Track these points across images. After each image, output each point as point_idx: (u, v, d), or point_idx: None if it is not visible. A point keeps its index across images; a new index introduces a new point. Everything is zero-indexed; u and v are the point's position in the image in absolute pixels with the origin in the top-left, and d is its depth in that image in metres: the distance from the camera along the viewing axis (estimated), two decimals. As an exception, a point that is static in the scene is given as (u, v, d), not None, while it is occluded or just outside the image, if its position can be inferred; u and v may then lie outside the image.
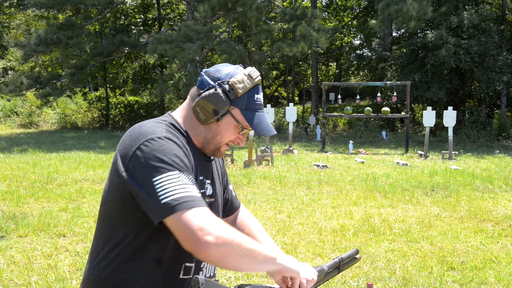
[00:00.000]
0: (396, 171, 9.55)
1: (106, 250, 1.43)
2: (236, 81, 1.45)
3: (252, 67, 1.50)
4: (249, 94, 1.47)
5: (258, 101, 1.49)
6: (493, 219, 5.83)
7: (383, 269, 4.06)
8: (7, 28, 31.00)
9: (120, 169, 1.36)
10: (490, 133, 18.04)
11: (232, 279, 3.84)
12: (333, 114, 17.26)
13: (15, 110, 24.27)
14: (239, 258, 1.28)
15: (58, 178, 8.27)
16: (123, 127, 22.96)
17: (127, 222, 1.41)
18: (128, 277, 1.41)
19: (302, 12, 17.27)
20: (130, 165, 1.33)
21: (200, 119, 1.47)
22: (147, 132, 1.37)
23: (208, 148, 1.51)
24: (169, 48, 15.78)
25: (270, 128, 1.50)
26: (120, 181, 1.36)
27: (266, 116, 1.53)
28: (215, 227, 1.25)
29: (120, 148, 1.40)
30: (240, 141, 1.53)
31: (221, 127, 1.47)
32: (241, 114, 1.46)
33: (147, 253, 1.40)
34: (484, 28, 18.73)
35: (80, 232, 5.04)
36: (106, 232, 1.44)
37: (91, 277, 1.45)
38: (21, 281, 3.74)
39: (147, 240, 1.40)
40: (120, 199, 1.39)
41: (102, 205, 1.47)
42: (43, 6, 18.08)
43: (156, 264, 1.41)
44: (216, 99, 1.43)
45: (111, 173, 1.43)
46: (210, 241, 1.22)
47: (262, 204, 6.54)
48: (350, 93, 30.20)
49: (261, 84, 1.57)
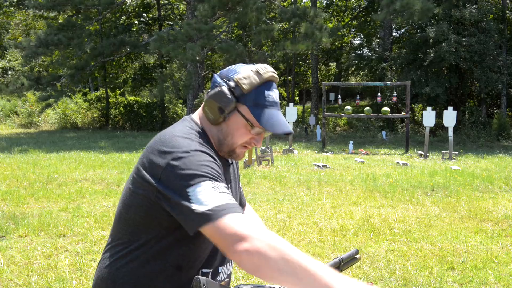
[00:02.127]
0: (396, 171, 9.55)
1: (125, 251, 1.42)
2: (242, 77, 1.41)
3: (264, 64, 1.45)
4: (258, 90, 1.41)
5: (269, 98, 1.42)
6: (493, 219, 5.83)
7: (383, 269, 4.06)
8: (6, 28, 30.99)
9: (150, 179, 1.34)
10: (490, 133, 18.05)
11: (232, 279, 3.84)
12: (333, 114, 17.26)
13: (15, 110, 24.28)
14: (276, 271, 1.13)
15: (58, 178, 8.27)
16: (123, 127, 22.97)
17: (151, 227, 1.39)
18: (145, 281, 1.40)
19: (303, 12, 17.27)
20: (163, 176, 1.31)
21: (210, 119, 1.45)
22: (181, 144, 1.35)
23: (223, 150, 1.48)
24: (172, 48, 15.79)
25: (283, 125, 1.41)
26: (149, 189, 1.35)
27: (280, 114, 1.44)
28: (252, 235, 1.18)
29: (151, 157, 1.37)
30: (256, 142, 1.48)
31: (230, 126, 1.44)
32: (249, 111, 1.41)
33: (168, 259, 1.40)
34: (484, 27, 18.74)
35: (80, 232, 5.03)
36: (127, 234, 1.43)
37: (106, 275, 1.44)
38: (21, 281, 3.74)
39: (168, 247, 1.39)
40: (146, 206, 1.37)
41: (125, 206, 1.44)
42: (43, 7, 18.08)
43: (176, 271, 1.40)
44: (220, 97, 1.40)
45: (136, 178, 1.40)
46: (244, 249, 1.16)
47: (262, 204, 6.54)
48: (350, 93, 30.21)
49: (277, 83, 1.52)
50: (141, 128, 22.37)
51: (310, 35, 16.29)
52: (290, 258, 1.13)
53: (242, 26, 20.95)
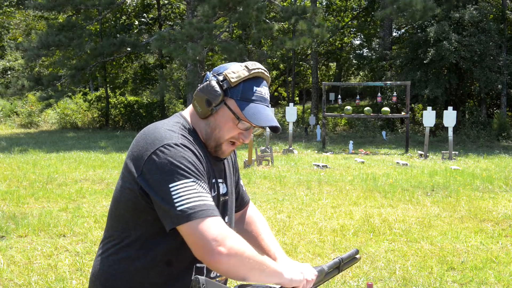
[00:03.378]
0: (396, 171, 9.55)
1: (117, 248, 1.44)
2: (230, 71, 1.42)
3: (254, 62, 1.47)
4: (246, 85, 1.43)
5: (257, 93, 1.44)
6: (493, 219, 5.83)
7: (383, 269, 4.06)
8: (6, 28, 30.99)
9: (134, 172, 1.36)
10: (490, 133, 18.05)
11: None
12: (333, 114, 17.27)
13: (15, 110, 24.28)
14: (248, 270, 1.30)
15: (58, 178, 8.27)
16: (123, 127, 22.97)
17: (139, 222, 1.41)
18: (137, 276, 1.41)
19: (302, 10, 17.29)
20: (144, 169, 1.33)
21: (198, 112, 1.46)
22: (163, 137, 1.36)
23: (210, 145, 1.48)
24: (173, 48, 15.79)
25: (269, 119, 1.42)
26: (133, 183, 1.36)
27: (268, 109, 1.45)
28: (229, 239, 1.26)
29: (134, 150, 1.39)
30: (244, 137, 1.48)
31: (218, 120, 1.44)
32: (236, 104, 1.42)
33: (157, 254, 1.41)
34: (484, 28, 18.74)
35: (80, 232, 5.03)
36: (118, 231, 1.45)
37: (99, 272, 1.46)
38: (21, 281, 3.74)
39: (158, 242, 1.40)
40: (132, 201, 1.39)
41: (115, 203, 1.47)
42: (43, 8, 18.07)
43: (166, 266, 1.41)
44: (208, 89, 1.42)
45: (124, 173, 1.42)
46: (223, 252, 1.24)
47: (262, 204, 6.54)
48: (350, 93, 30.19)
49: (269, 82, 1.50)
50: (141, 128, 22.00)
51: (309, 32, 16.30)
52: (256, 256, 1.32)
53: (242, 26, 20.96)
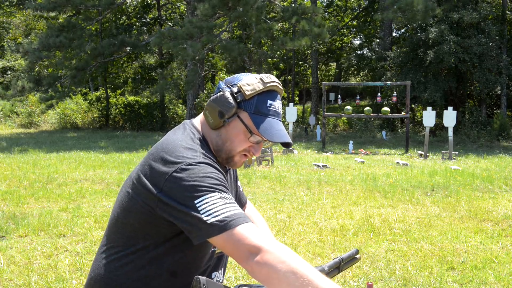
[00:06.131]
0: (396, 171, 9.55)
1: (121, 254, 1.42)
2: (245, 84, 1.41)
3: (269, 74, 1.45)
4: (260, 98, 1.41)
5: (271, 107, 1.42)
6: (493, 219, 5.83)
7: (383, 269, 4.06)
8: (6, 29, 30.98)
9: (152, 188, 1.34)
10: (490, 133, 18.04)
11: (232, 279, 3.84)
12: (333, 114, 17.25)
13: (15, 110, 24.29)
14: (286, 285, 1.17)
15: (58, 178, 8.27)
16: (123, 127, 22.97)
17: (149, 234, 1.39)
18: (139, 285, 1.40)
19: (302, 10, 17.31)
20: (165, 187, 1.31)
21: (209, 123, 1.44)
22: (185, 156, 1.34)
23: (220, 157, 1.46)
24: (173, 45, 15.79)
25: (281, 134, 1.41)
26: (149, 198, 1.34)
27: (281, 124, 1.44)
28: (264, 246, 1.21)
29: (152, 164, 1.36)
30: (254, 151, 1.47)
31: (230, 132, 1.43)
32: (249, 117, 1.41)
33: (163, 264, 1.40)
34: (483, 29, 18.72)
35: (80, 232, 5.03)
36: (123, 238, 1.43)
37: (100, 277, 1.44)
38: (21, 281, 3.74)
39: (165, 253, 1.40)
40: (146, 213, 1.37)
41: (123, 211, 1.43)
42: (44, 8, 18.08)
43: (170, 277, 1.41)
44: (222, 101, 1.40)
45: (136, 185, 1.39)
46: (254, 260, 1.21)
47: (262, 204, 6.54)
48: (350, 93, 30.21)
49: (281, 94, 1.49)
50: (141, 128, 22.38)
51: (309, 31, 16.31)
52: (299, 271, 1.17)
53: (242, 26, 20.97)
